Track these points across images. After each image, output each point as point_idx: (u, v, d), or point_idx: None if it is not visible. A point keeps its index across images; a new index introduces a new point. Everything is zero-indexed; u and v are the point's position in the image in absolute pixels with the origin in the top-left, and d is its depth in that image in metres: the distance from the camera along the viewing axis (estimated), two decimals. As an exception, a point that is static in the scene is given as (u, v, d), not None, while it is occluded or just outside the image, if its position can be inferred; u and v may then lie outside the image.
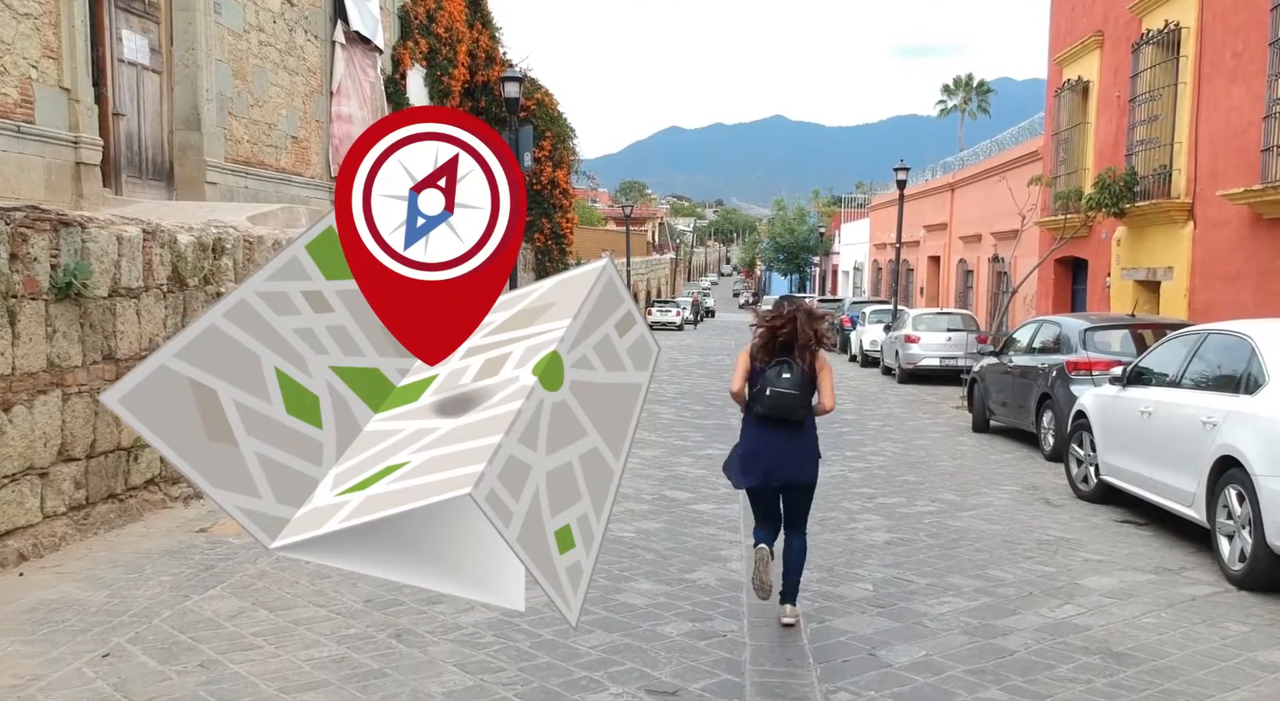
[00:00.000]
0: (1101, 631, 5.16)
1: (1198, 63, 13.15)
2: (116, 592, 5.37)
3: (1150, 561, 6.60)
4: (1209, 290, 12.62)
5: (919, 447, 11.76)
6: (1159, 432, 7.17)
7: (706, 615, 5.33)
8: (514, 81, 15.03)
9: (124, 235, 6.94)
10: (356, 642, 4.75)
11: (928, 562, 6.52)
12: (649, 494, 8.55)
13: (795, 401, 5.08)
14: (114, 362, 6.84)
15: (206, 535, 6.69)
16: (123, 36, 10.29)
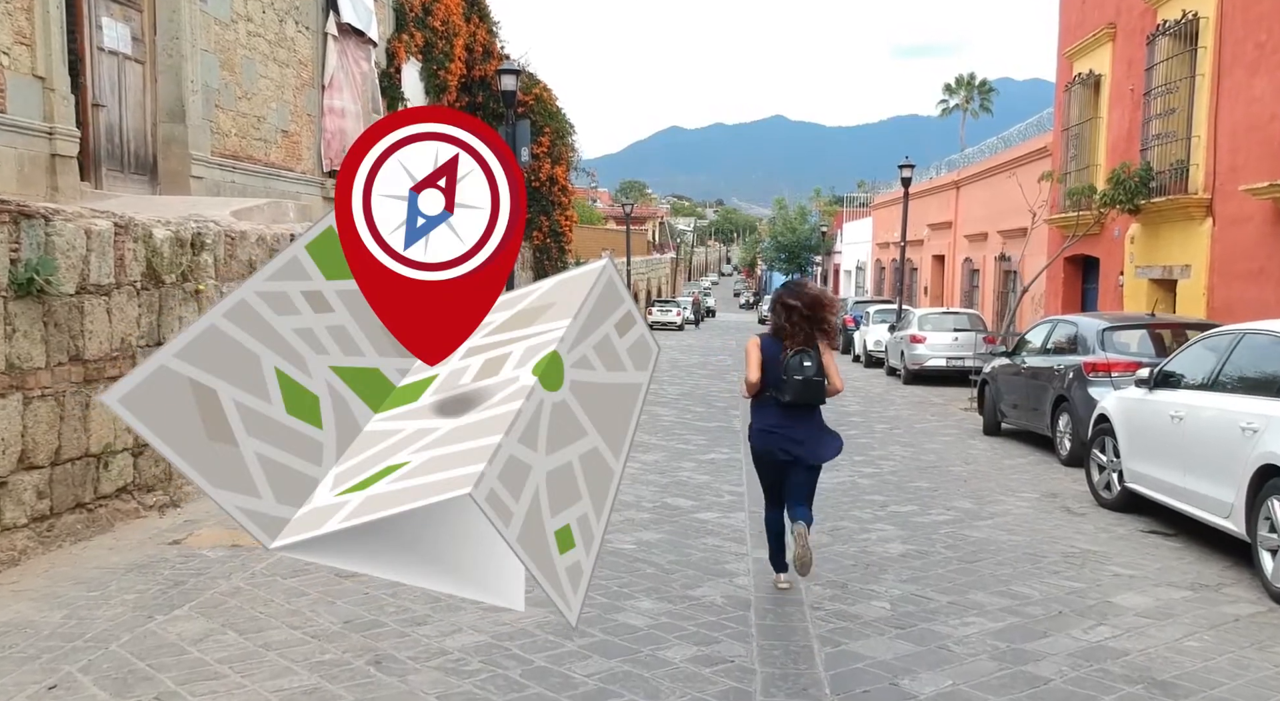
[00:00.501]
0: (1141, 657, 4.75)
1: (1217, 54, 12.73)
2: (75, 613, 4.96)
3: (1185, 576, 6.19)
4: (1229, 289, 12.20)
5: (929, 451, 11.36)
6: (1192, 438, 6.76)
7: (712, 637, 4.93)
8: (511, 74, 14.62)
9: (93, 229, 6.54)
10: (331, 670, 4.34)
11: (947, 577, 6.11)
12: (650, 501, 8.15)
13: (820, 387, 5.37)
14: (82, 364, 6.43)
15: (179, 548, 6.29)
16: (102, 24, 9.88)
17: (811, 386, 5.34)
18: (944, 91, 72.47)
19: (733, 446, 11.03)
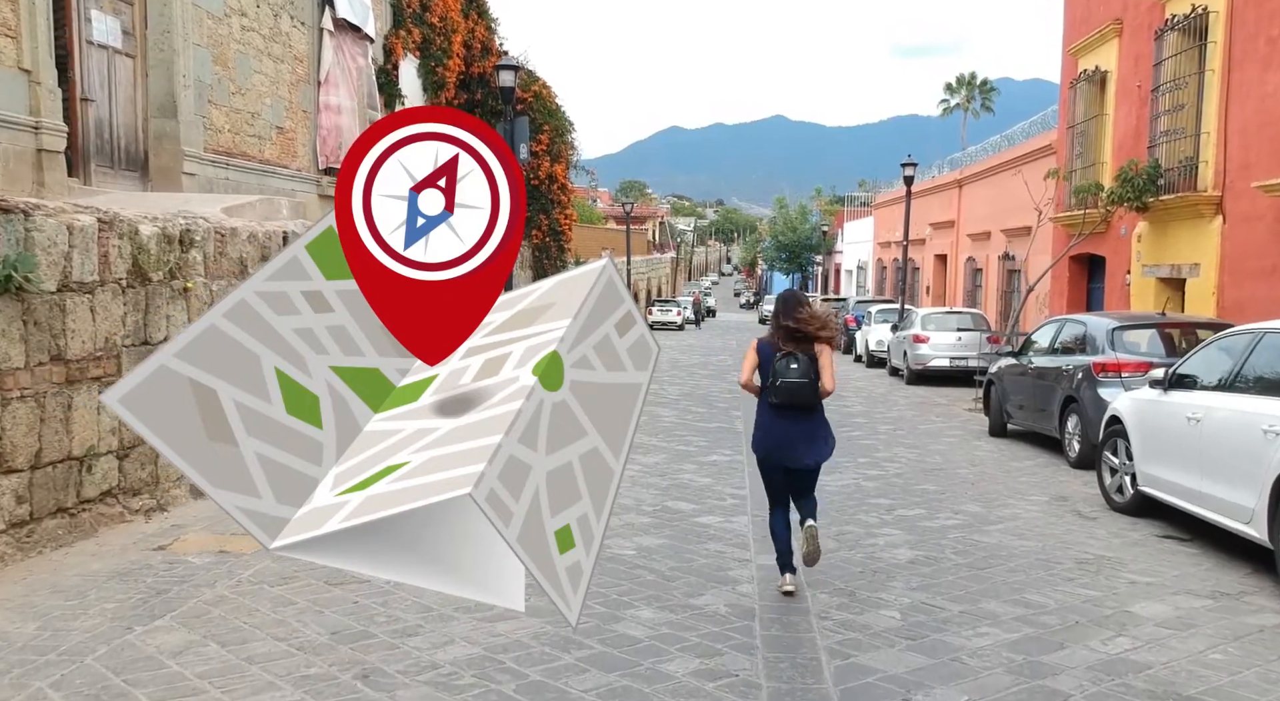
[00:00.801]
0: (1164, 670, 4.54)
1: (1227, 49, 12.52)
2: (50, 624, 4.76)
3: (1204, 584, 5.97)
4: (1239, 287, 11.99)
5: (935, 453, 11.15)
6: (1209, 441, 6.54)
7: (716, 649, 4.72)
8: (509, 70, 14.40)
9: (76, 225, 6.33)
10: (317, 685, 4.14)
11: (958, 585, 5.91)
12: (650, 505, 7.94)
13: (805, 389, 5.51)
14: (64, 364, 6.23)
15: (164, 554, 6.09)
16: (92, 17, 9.67)
17: (795, 389, 5.50)
18: (945, 91, 72.27)
19: (735, 448, 10.83)
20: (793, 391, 5.49)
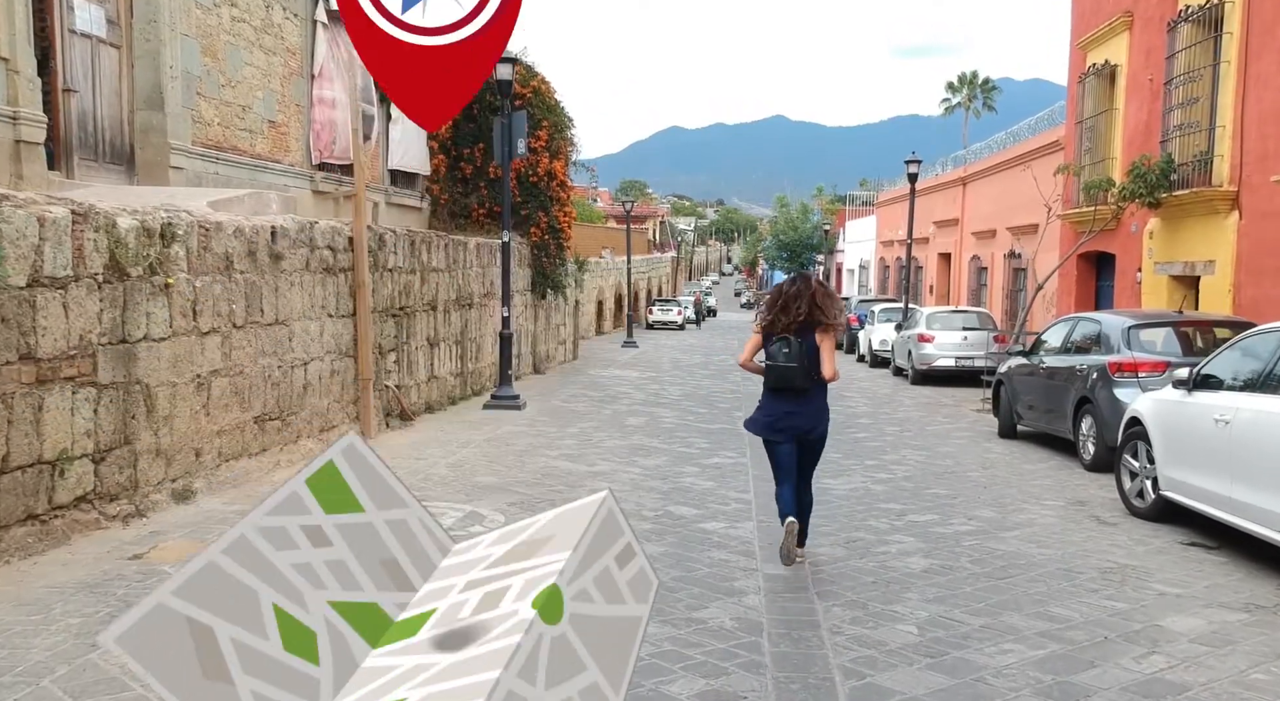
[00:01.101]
0: (1206, 692, 4.23)
1: (1244, 40, 12.19)
2: (9, 641, 4.44)
3: (1237, 596, 5.66)
4: (1257, 285, 11.67)
5: (944, 455, 10.83)
6: (1240, 444, 6.22)
7: (722, 668, 4.41)
8: (506, 63, 14.08)
9: (47, 216, 6.02)
10: (291, 710, 3.82)
11: (977, 596, 5.59)
12: (651, 510, 7.63)
13: (793, 373, 5.82)
14: (34, 363, 5.91)
15: (139, 563, 5.78)
16: (74, 5, 9.36)
17: (783, 373, 5.85)
18: (947, 89, 72.03)
19: (738, 450, 10.51)
20: (780, 375, 5.86)
